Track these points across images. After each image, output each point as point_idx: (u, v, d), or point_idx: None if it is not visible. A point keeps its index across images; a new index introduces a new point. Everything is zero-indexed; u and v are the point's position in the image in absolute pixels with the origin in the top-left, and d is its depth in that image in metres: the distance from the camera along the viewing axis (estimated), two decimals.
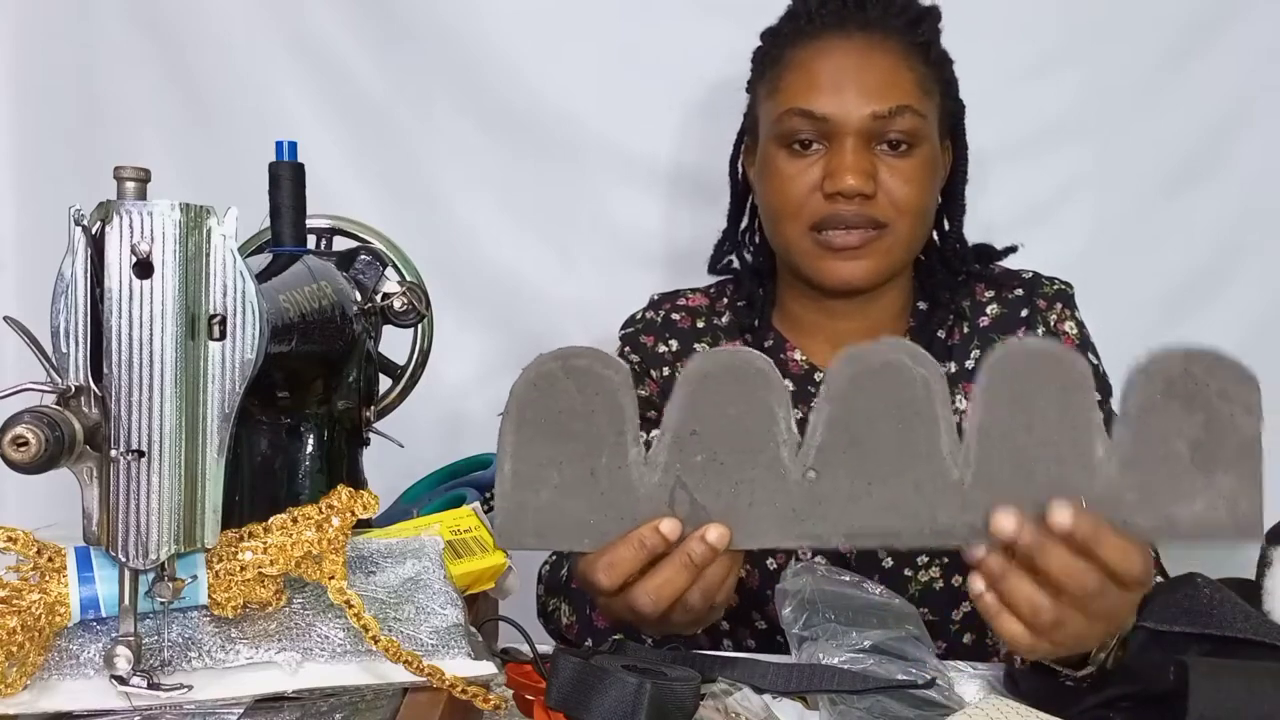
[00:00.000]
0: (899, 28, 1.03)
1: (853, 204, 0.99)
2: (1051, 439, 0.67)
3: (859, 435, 0.68)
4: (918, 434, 0.68)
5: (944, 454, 0.68)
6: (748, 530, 0.69)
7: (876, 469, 0.68)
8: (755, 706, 0.74)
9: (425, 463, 1.07)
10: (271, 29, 1.46)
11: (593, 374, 0.69)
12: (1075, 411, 0.67)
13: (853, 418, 0.68)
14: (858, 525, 0.69)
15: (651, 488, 0.69)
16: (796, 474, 0.68)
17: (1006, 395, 0.67)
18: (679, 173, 1.46)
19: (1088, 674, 0.74)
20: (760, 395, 0.68)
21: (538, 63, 1.44)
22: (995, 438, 0.67)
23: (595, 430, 0.69)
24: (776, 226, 1.06)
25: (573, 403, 0.69)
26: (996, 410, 0.67)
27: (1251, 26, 1.40)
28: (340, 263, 0.91)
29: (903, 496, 0.68)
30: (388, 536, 0.77)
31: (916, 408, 0.67)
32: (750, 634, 1.08)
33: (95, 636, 0.64)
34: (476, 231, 1.48)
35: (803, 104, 1.01)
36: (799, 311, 1.11)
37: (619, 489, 0.69)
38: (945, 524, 0.68)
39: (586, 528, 0.70)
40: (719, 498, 0.69)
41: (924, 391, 0.67)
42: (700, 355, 0.69)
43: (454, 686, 0.65)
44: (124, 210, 0.57)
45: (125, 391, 0.57)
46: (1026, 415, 0.67)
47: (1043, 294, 1.08)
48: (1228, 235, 1.44)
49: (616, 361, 0.69)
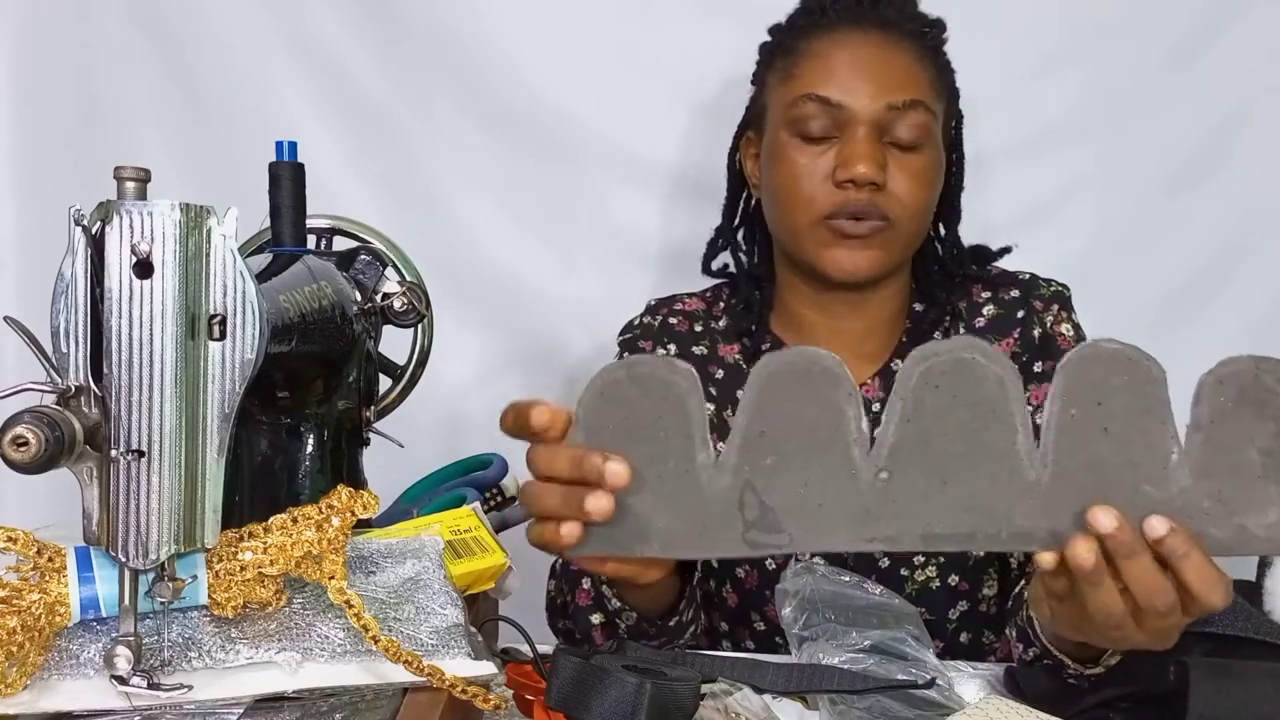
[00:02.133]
0: (912, 31, 1.03)
1: (863, 193, 0.99)
2: (1127, 443, 0.65)
3: (932, 434, 0.66)
4: (993, 432, 0.66)
5: (1020, 453, 0.66)
6: (818, 531, 0.68)
7: (950, 468, 0.66)
8: (755, 706, 0.75)
9: (425, 463, 1.07)
10: (271, 29, 1.46)
11: (658, 379, 0.68)
12: (1151, 415, 0.65)
13: (925, 417, 0.66)
14: (932, 526, 0.67)
15: (720, 490, 0.68)
16: (869, 474, 0.67)
17: (1083, 397, 0.66)
18: (679, 173, 1.46)
19: (1095, 672, 0.74)
20: (828, 394, 0.67)
21: (538, 63, 1.44)
22: (1072, 439, 0.66)
23: (662, 435, 0.68)
24: (784, 214, 1.05)
25: (639, 409, 0.68)
26: (1073, 411, 0.66)
27: (1252, 27, 1.40)
28: (340, 263, 0.91)
29: (978, 496, 0.66)
30: (388, 536, 0.77)
31: (991, 405, 0.66)
32: (749, 635, 1.08)
33: (95, 636, 0.64)
34: (476, 231, 1.48)
35: (819, 90, 1.01)
36: (798, 311, 1.10)
37: (687, 492, 0.68)
38: (1023, 526, 0.66)
39: (655, 531, 0.69)
40: (788, 498, 0.68)
41: (998, 389, 0.66)
42: (768, 356, 0.67)
43: (454, 686, 0.65)
44: (124, 210, 0.57)
45: (125, 391, 0.57)
46: (1103, 418, 0.65)
47: (1039, 295, 1.08)
48: (1228, 235, 1.44)
49: (683, 367, 0.68)
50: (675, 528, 0.69)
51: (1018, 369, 0.66)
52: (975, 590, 1.05)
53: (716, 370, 1.11)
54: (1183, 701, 0.68)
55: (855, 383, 0.66)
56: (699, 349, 1.12)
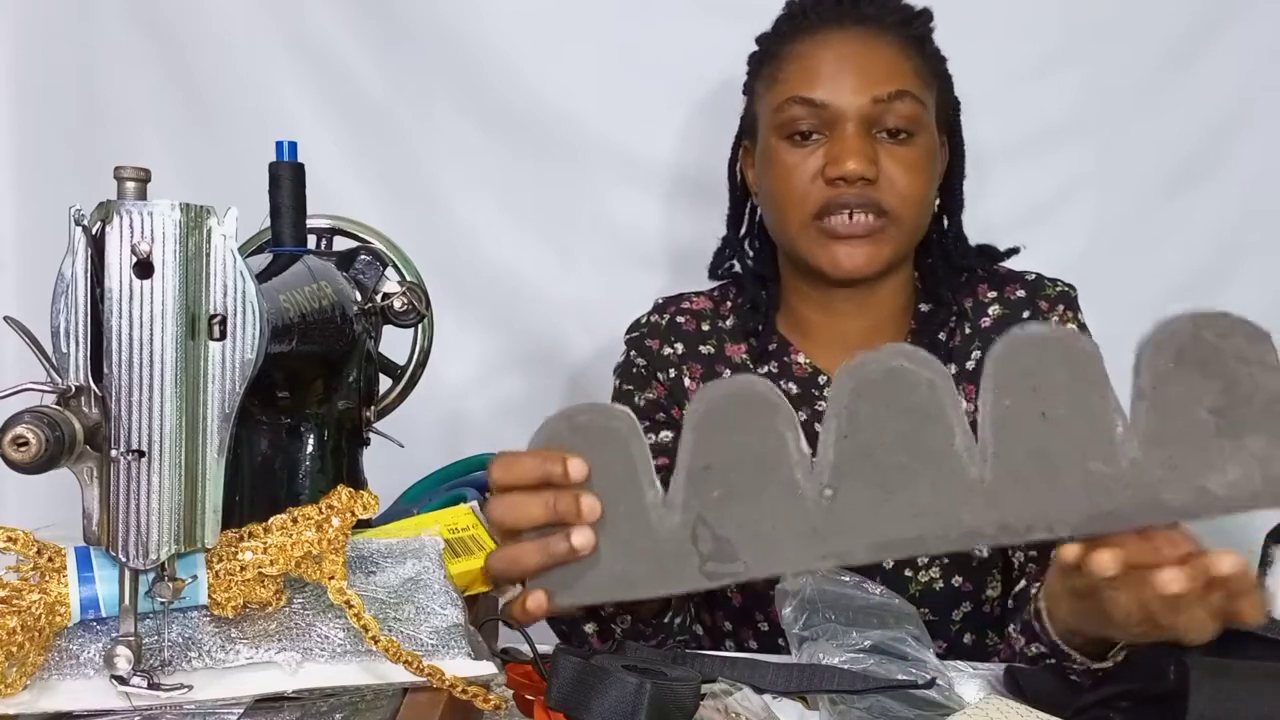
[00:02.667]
0: (894, 23, 1.04)
1: (855, 188, 1.00)
2: (1068, 424, 0.65)
3: (870, 447, 0.67)
4: (929, 436, 0.66)
5: (960, 453, 0.66)
6: (773, 557, 0.68)
7: (893, 478, 0.67)
8: (755, 706, 0.74)
9: (425, 463, 1.07)
10: (271, 29, 1.46)
11: (597, 428, 0.69)
12: (1089, 392, 0.65)
13: (861, 430, 0.67)
14: (881, 537, 0.67)
15: (673, 528, 0.69)
16: (813, 494, 0.67)
17: (1016, 386, 0.66)
18: (679, 173, 1.46)
19: (1103, 666, 0.74)
20: (766, 420, 0.67)
21: (538, 63, 1.44)
22: (1010, 430, 0.66)
23: (610, 480, 0.69)
24: (779, 217, 1.05)
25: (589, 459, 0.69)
26: (1007, 402, 0.66)
27: (1252, 27, 1.40)
28: (340, 263, 0.91)
29: (923, 501, 0.67)
30: (388, 536, 0.77)
31: (925, 410, 0.66)
32: (753, 635, 1.08)
33: (95, 636, 0.64)
34: (476, 231, 1.48)
35: (803, 92, 1.01)
36: (803, 312, 1.11)
37: (641, 534, 0.69)
38: (972, 524, 0.67)
39: (615, 578, 0.70)
40: (741, 529, 0.68)
41: (929, 393, 0.66)
42: (702, 390, 0.68)
43: (454, 686, 0.65)
44: (124, 210, 0.57)
45: (125, 391, 0.57)
46: (1039, 403, 0.65)
47: (1045, 295, 1.08)
48: (1228, 236, 1.44)
49: (619, 411, 0.69)
50: (634, 569, 0.70)
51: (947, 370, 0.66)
52: (979, 591, 1.04)
53: (724, 370, 1.11)
54: (1183, 701, 0.68)
55: (791, 408, 0.67)
56: (706, 348, 1.12)
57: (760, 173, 1.08)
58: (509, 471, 0.71)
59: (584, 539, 0.69)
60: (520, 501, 0.71)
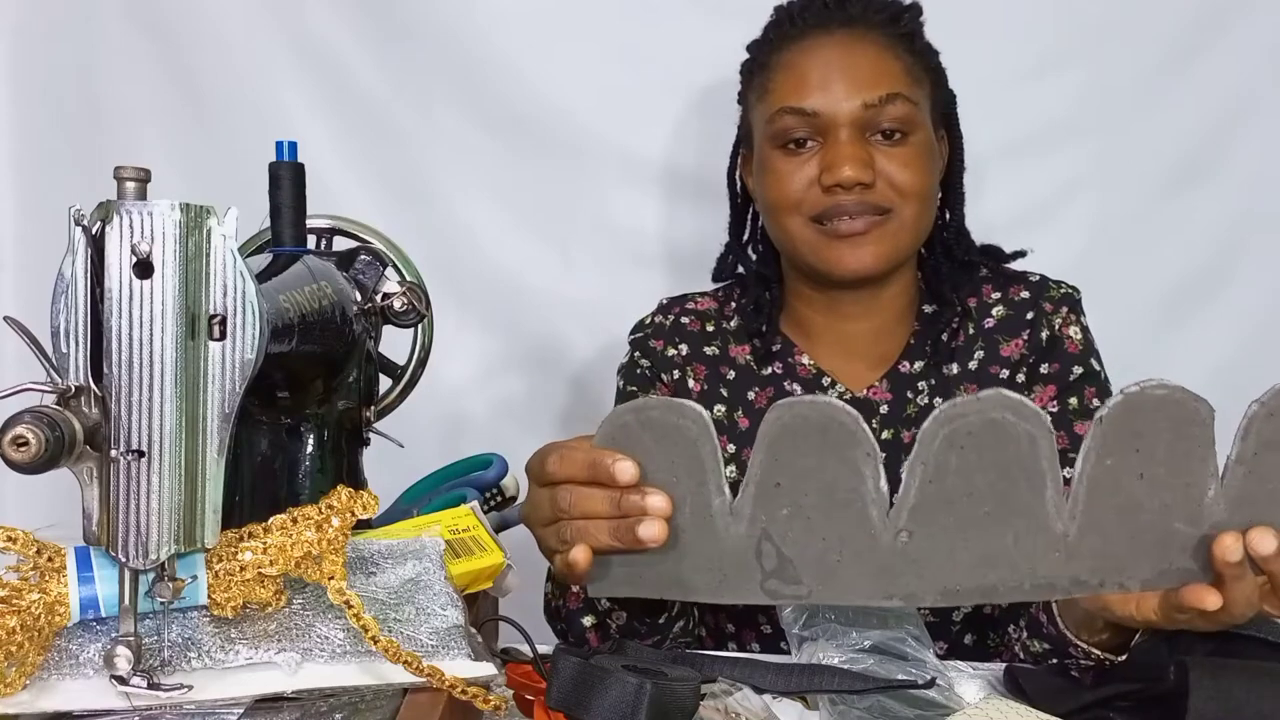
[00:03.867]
0: (881, 22, 1.04)
1: (852, 194, 1.00)
2: (1163, 484, 0.64)
3: (955, 495, 0.65)
4: (1020, 489, 0.64)
5: (1049, 508, 0.65)
6: (837, 586, 0.67)
7: (974, 527, 0.65)
8: (755, 706, 0.74)
9: (425, 463, 1.07)
10: (271, 29, 1.46)
11: (668, 425, 0.67)
12: (1191, 456, 0.64)
13: (948, 478, 0.64)
14: (953, 584, 0.66)
15: (738, 538, 0.67)
16: (888, 535, 0.66)
17: (1122, 446, 0.64)
18: (679, 172, 1.46)
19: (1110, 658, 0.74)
20: (845, 451, 0.65)
21: (538, 63, 1.44)
22: (1105, 488, 0.64)
23: (677, 480, 0.67)
24: (778, 223, 1.06)
25: (651, 455, 0.67)
26: (1109, 461, 0.64)
27: (1252, 26, 1.40)
28: (340, 263, 0.91)
29: (1000, 551, 0.65)
30: (388, 536, 0.77)
31: (1021, 464, 0.64)
32: (755, 637, 1.08)
33: (95, 636, 0.64)
34: (476, 231, 1.48)
35: (793, 102, 1.01)
36: (806, 314, 1.11)
37: (706, 538, 0.68)
38: (1046, 577, 0.66)
39: (674, 578, 0.69)
40: (806, 551, 0.67)
41: (1029, 447, 0.64)
42: (781, 405, 0.65)
43: (454, 687, 0.65)
44: (124, 210, 0.57)
45: (125, 391, 0.57)
46: (1139, 463, 0.64)
47: (1049, 297, 1.08)
48: (1228, 235, 1.44)
49: (692, 410, 0.67)
50: (695, 573, 0.68)
51: (1048, 419, 0.64)
52: None
53: (728, 371, 1.11)
54: (1183, 701, 0.68)
55: (874, 440, 0.65)
56: (710, 349, 1.12)
57: (758, 182, 1.08)
58: (563, 466, 0.70)
59: (652, 531, 0.67)
60: (585, 494, 0.70)
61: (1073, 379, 1.04)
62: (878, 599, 0.67)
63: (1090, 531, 0.65)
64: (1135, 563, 0.66)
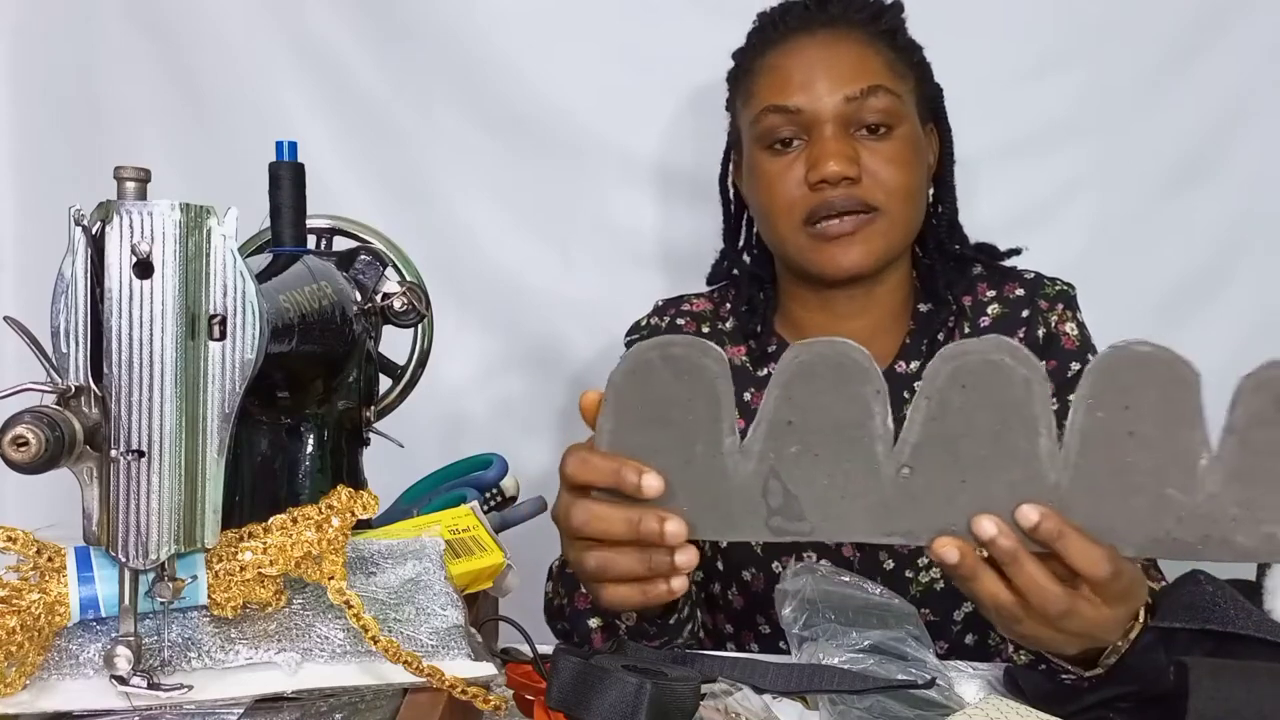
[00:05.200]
0: (862, 21, 1.04)
1: (839, 190, 1.00)
2: (1154, 446, 0.65)
3: (955, 434, 0.66)
4: (1016, 434, 0.66)
5: (1042, 456, 0.66)
6: (840, 523, 0.68)
7: (971, 468, 0.66)
8: (755, 706, 0.74)
9: (425, 463, 1.07)
10: (271, 29, 1.46)
11: (690, 362, 0.67)
12: (1180, 419, 0.65)
13: (950, 416, 0.66)
14: (948, 524, 0.67)
15: (746, 476, 0.68)
16: (890, 470, 0.67)
17: (1111, 400, 0.65)
18: (679, 172, 1.46)
19: (1094, 674, 0.74)
20: (856, 388, 0.66)
21: (537, 63, 1.44)
22: (1096, 442, 0.65)
23: (693, 418, 0.68)
24: (770, 226, 1.06)
25: (670, 391, 0.68)
26: (1100, 414, 0.65)
27: (1252, 26, 1.40)
28: (340, 263, 0.91)
29: (996, 497, 0.66)
30: (388, 536, 0.77)
31: (1017, 408, 0.65)
32: (754, 637, 1.08)
33: (95, 636, 0.64)
34: (476, 231, 1.48)
35: (776, 100, 1.02)
36: (801, 314, 1.11)
37: (714, 476, 0.68)
38: None
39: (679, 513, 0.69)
40: (812, 488, 0.68)
41: (1024, 392, 0.65)
42: (799, 344, 0.67)
43: (454, 687, 0.65)
44: (124, 210, 0.57)
45: (125, 391, 0.57)
46: (1130, 420, 0.65)
47: (1044, 294, 1.08)
48: (1227, 235, 1.44)
49: (715, 350, 0.67)
50: (699, 510, 0.69)
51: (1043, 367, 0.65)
52: None
53: None
54: (1183, 701, 0.68)
55: (883, 379, 0.66)
56: None
57: (747, 185, 1.09)
58: (583, 470, 0.69)
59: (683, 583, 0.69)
60: (603, 514, 0.69)
61: (1070, 375, 1.04)
62: (877, 536, 0.68)
63: (1083, 486, 0.66)
64: (1128, 526, 0.66)
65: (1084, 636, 0.69)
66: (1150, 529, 0.66)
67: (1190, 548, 0.66)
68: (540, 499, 0.96)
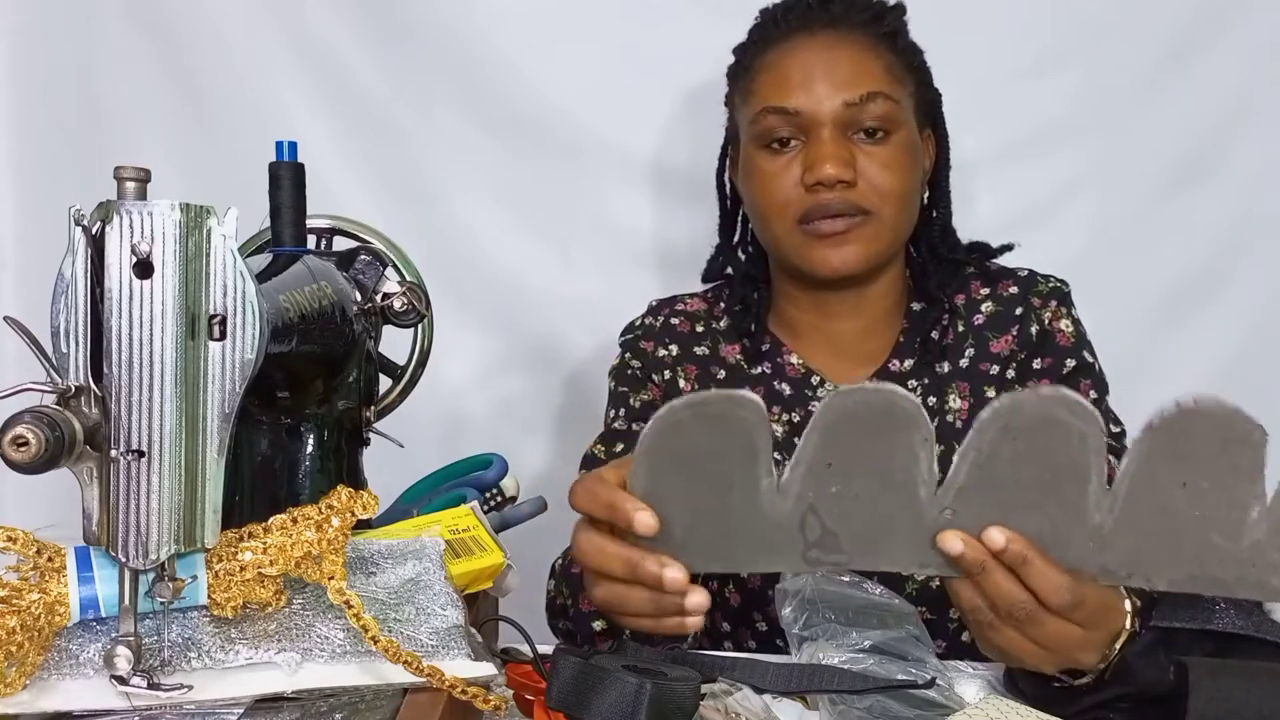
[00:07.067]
0: (863, 22, 1.04)
1: (835, 192, 1.00)
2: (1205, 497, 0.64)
3: (1003, 481, 0.66)
4: (1066, 485, 0.65)
5: (1089, 501, 0.66)
6: (875, 556, 0.68)
7: (1016, 511, 0.66)
8: (755, 706, 0.74)
9: (425, 463, 1.07)
10: (271, 29, 1.46)
11: (726, 417, 0.66)
12: (1238, 474, 0.64)
13: (999, 466, 0.65)
14: None
15: (783, 514, 0.68)
16: (933, 512, 0.67)
17: (1169, 451, 0.64)
18: (679, 172, 1.46)
19: (1083, 682, 0.74)
20: (905, 436, 0.66)
21: (537, 63, 1.44)
22: (1146, 489, 0.65)
23: (728, 468, 0.67)
24: (764, 225, 1.06)
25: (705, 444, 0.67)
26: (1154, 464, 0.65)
27: (1251, 26, 1.40)
28: (340, 263, 0.91)
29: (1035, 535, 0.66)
30: (388, 536, 0.77)
31: (1070, 462, 0.65)
32: (750, 635, 1.08)
33: (95, 636, 0.64)
34: (476, 231, 1.48)
35: (775, 101, 1.02)
36: (794, 314, 1.11)
37: (751, 516, 0.68)
38: (1075, 561, 0.66)
39: (716, 553, 0.69)
40: (850, 526, 0.67)
41: (1079, 446, 0.64)
42: (842, 392, 0.66)
43: (454, 687, 0.65)
44: (124, 210, 0.57)
45: (125, 391, 0.57)
46: (1184, 471, 0.64)
47: (1038, 291, 1.08)
48: (1228, 235, 1.44)
49: (750, 399, 0.66)
50: (736, 547, 0.68)
51: (1100, 418, 0.64)
52: None
53: (718, 370, 1.11)
54: (1183, 701, 0.68)
55: (931, 427, 0.66)
56: (700, 349, 1.12)
57: (743, 183, 1.09)
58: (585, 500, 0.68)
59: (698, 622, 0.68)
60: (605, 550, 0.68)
61: (1066, 372, 1.04)
62: (913, 567, 0.68)
63: (1126, 526, 0.66)
64: (1166, 564, 0.66)
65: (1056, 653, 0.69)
66: (1189, 569, 0.66)
67: (1225, 587, 0.66)
68: (540, 499, 0.96)
